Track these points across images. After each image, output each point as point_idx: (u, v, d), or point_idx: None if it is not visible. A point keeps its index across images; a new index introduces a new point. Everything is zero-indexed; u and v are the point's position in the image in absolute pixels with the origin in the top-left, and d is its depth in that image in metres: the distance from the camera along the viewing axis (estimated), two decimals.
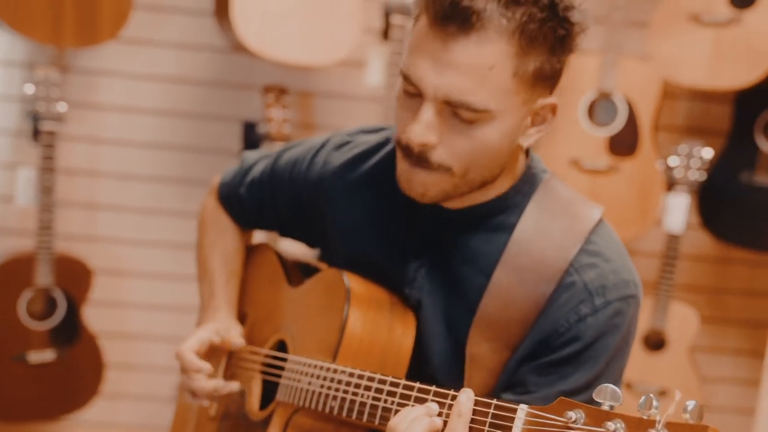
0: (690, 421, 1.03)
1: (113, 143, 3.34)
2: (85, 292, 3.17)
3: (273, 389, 1.60)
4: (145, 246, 3.42)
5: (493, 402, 1.22)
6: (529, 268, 1.40)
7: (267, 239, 2.01)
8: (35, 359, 3.10)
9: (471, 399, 1.24)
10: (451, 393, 1.27)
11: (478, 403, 1.23)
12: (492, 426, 1.21)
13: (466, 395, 1.24)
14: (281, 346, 1.64)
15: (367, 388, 1.38)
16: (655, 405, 1.05)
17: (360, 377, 1.40)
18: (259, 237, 1.91)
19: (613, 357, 1.41)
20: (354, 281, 1.49)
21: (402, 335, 1.47)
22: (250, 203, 1.75)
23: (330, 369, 1.45)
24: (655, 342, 3.31)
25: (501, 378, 1.42)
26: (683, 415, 1.04)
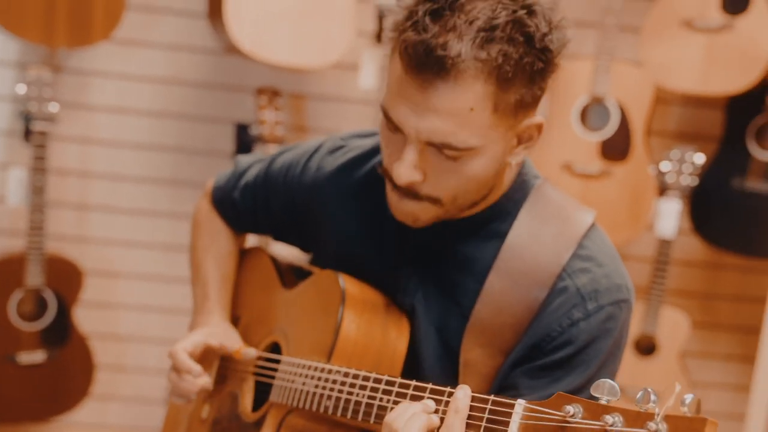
0: (688, 414, 1.03)
1: (105, 144, 3.34)
2: (76, 293, 3.16)
3: (266, 390, 1.59)
4: (137, 247, 3.41)
5: (491, 398, 1.21)
6: (522, 273, 1.40)
7: (260, 243, 2.01)
8: (25, 360, 3.09)
9: (468, 395, 1.23)
10: (448, 390, 1.27)
11: (475, 399, 1.23)
12: (489, 422, 1.20)
13: (463, 391, 1.23)
14: (275, 348, 1.64)
15: (363, 387, 1.38)
16: (653, 399, 1.05)
17: (355, 377, 1.39)
18: (252, 241, 1.91)
19: (606, 361, 1.41)
20: (349, 283, 1.49)
21: (396, 338, 1.47)
22: (243, 207, 1.75)
23: (324, 369, 1.44)
24: (646, 347, 3.31)
25: (494, 383, 1.42)
26: (681, 408, 1.04)
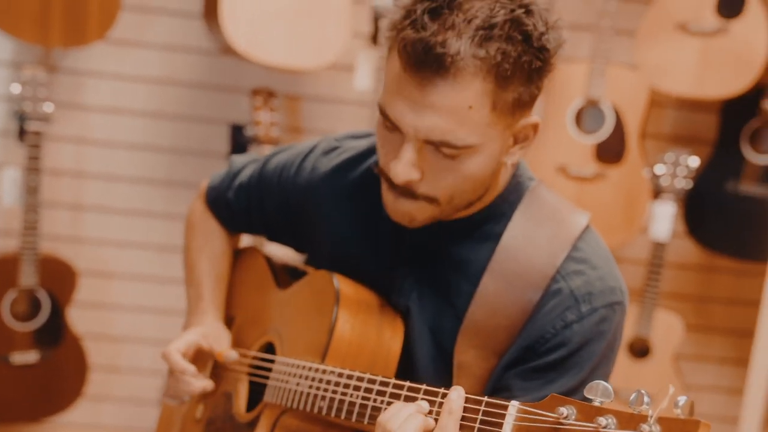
0: (681, 416, 1.03)
1: (100, 144, 3.33)
2: (70, 293, 3.16)
3: (260, 391, 1.59)
4: (131, 248, 3.40)
5: (484, 399, 1.21)
6: (517, 275, 1.40)
7: (255, 243, 2.01)
8: (18, 360, 3.09)
9: (462, 396, 1.23)
10: (442, 391, 1.27)
11: (468, 401, 1.23)
12: (483, 423, 1.20)
13: (456, 393, 1.23)
14: (269, 348, 1.64)
15: (357, 387, 1.38)
16: (647, 401, 1.05)
17: (349, 377, 1.39)
18: (247, 240, 1.91)
19: (599, 363, 1.41)
20: (344, 283, 1.49)
21: (391, 339, 1.47)
22: (238, 207, 1.75)
23: (318, 369, 1.44)
24: (640, 349, 3.32)
25: (487, 385, 1.42)
26: (674, 410, 1.03)
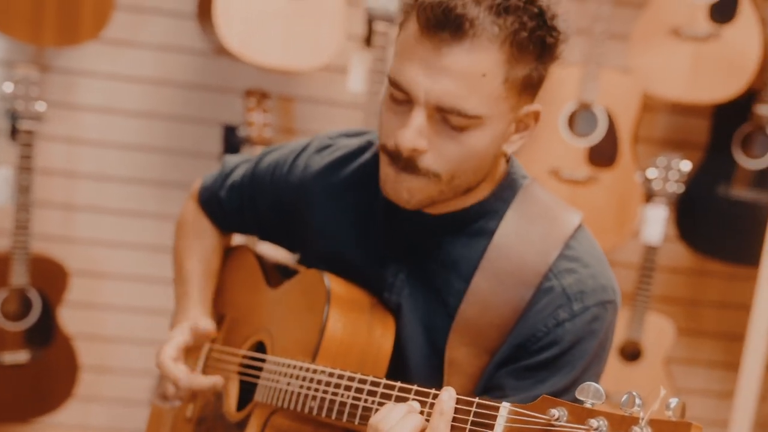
0: (673, 419, 1.03)
1: (92, 144, 3.32)
2: (61, 293, 3.15)
3: (251, 390, 1.58)
4: (123, 248, 3.40)
5: (476, 400, 1.21)
6: (509, 272, 1.40)
7: (246, 241, 2.00)
8: (9, 360, 3.08)
9: (453, 397, 1.23)
10: (432, 392, 1.26)
11: (460, 402, 1.22)
12: (474, 424, 1.20)
13: (448, 393, 1.23)
14: (260, 347, 1.63)
15: (348, 387, 1.37)
16: (638, 403, 1.05)
17: (340, 377, 1.39)
18: (239, 239, 1.90)
19: (591, 362, 1.41)
20: (334, 282, 1.49)
21: (381, 337, 1.47)
22: (230, 206, 1.74)
23: (309, 369, 1.44)
24: (631, 353, 3.32)
25: (479, 383, 1.42)
26: (666, 413, 1.04)
